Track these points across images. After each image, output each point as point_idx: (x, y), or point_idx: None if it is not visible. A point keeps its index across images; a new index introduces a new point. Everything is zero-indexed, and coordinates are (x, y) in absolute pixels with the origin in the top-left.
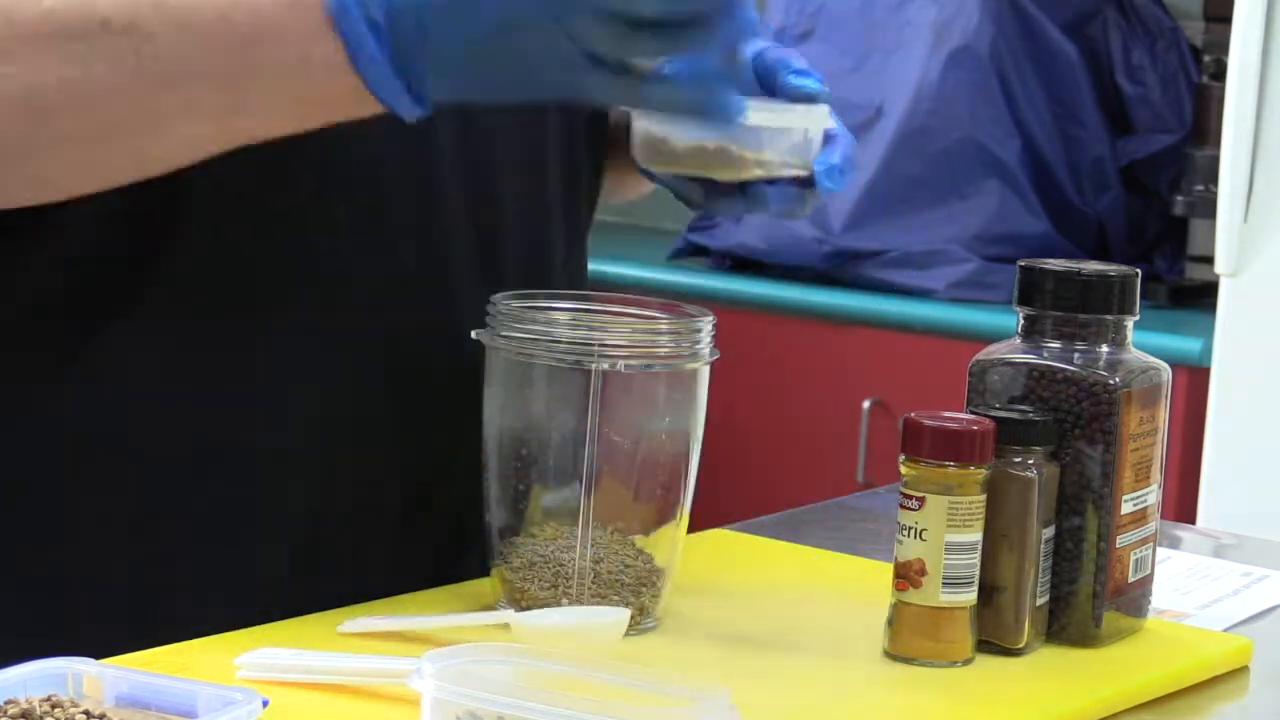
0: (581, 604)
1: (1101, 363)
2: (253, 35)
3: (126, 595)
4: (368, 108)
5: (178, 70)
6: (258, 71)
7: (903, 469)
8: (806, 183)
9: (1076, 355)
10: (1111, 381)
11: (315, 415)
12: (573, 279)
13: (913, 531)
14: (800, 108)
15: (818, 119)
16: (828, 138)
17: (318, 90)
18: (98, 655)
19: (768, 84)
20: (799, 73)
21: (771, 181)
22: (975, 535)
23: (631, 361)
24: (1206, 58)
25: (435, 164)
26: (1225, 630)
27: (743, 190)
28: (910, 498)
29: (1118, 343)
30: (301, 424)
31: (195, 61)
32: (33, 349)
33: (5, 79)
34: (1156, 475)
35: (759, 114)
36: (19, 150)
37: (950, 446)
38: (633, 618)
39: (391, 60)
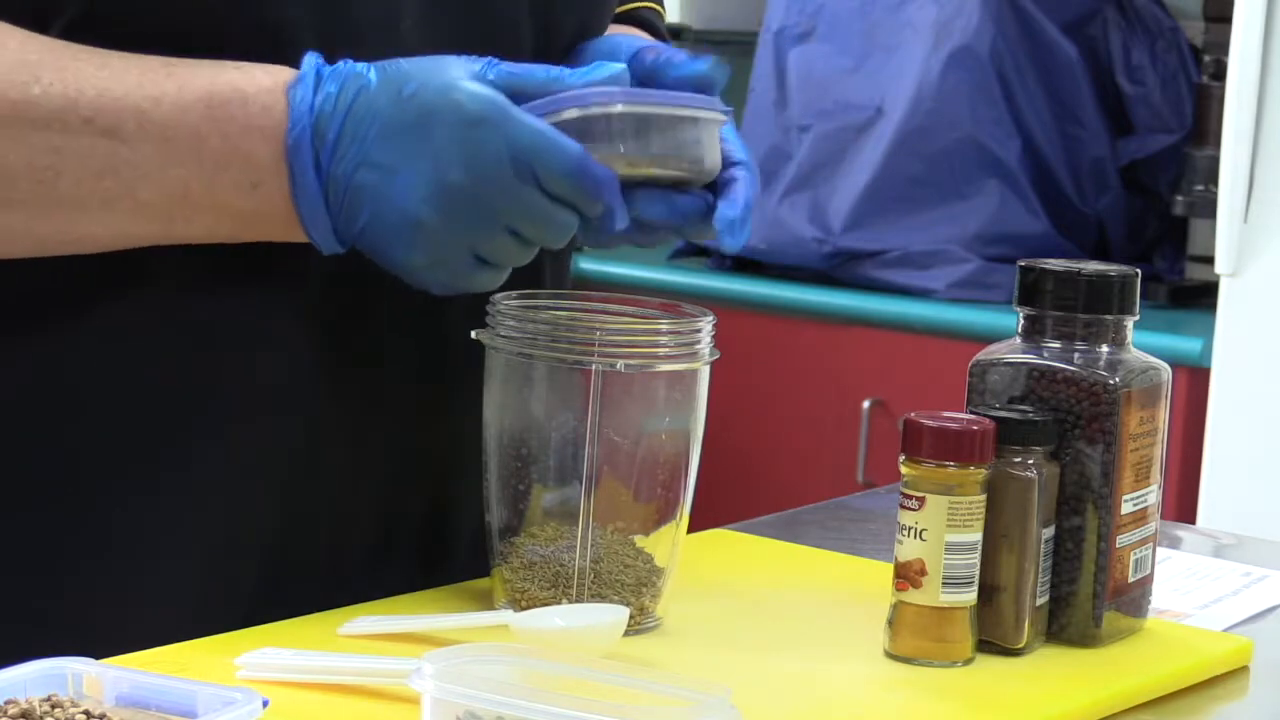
0: (582, 604)
1: (1102, 363)
2: (220, 161)
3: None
4: (299, 237)
5: (143, 179)
6: (215, 193)
7: (903, 469)
8: (708, 198)
9: (1076, 355)
10: (1111, 381)
11: (291, 416)
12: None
13: (913, 531)
14: (691, 102)
15: (710, 118)
16: (729, 165)
17: (259, 214)
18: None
19: (656, 83)
20: (688, 60)
21: (663, 189)
22: (975, 535)
23: (631, 361)
24: (1206, 58)
25: None
26: (1225, 630)
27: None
28: (910, 498)
29: (1118, 343)
30: (277, 426)
31: (162, 175)
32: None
33: None
34: (1156, 475)
35: (641, 104)
36: None
37: (950, 446)
38: (633, 618)
39: (326, 205)
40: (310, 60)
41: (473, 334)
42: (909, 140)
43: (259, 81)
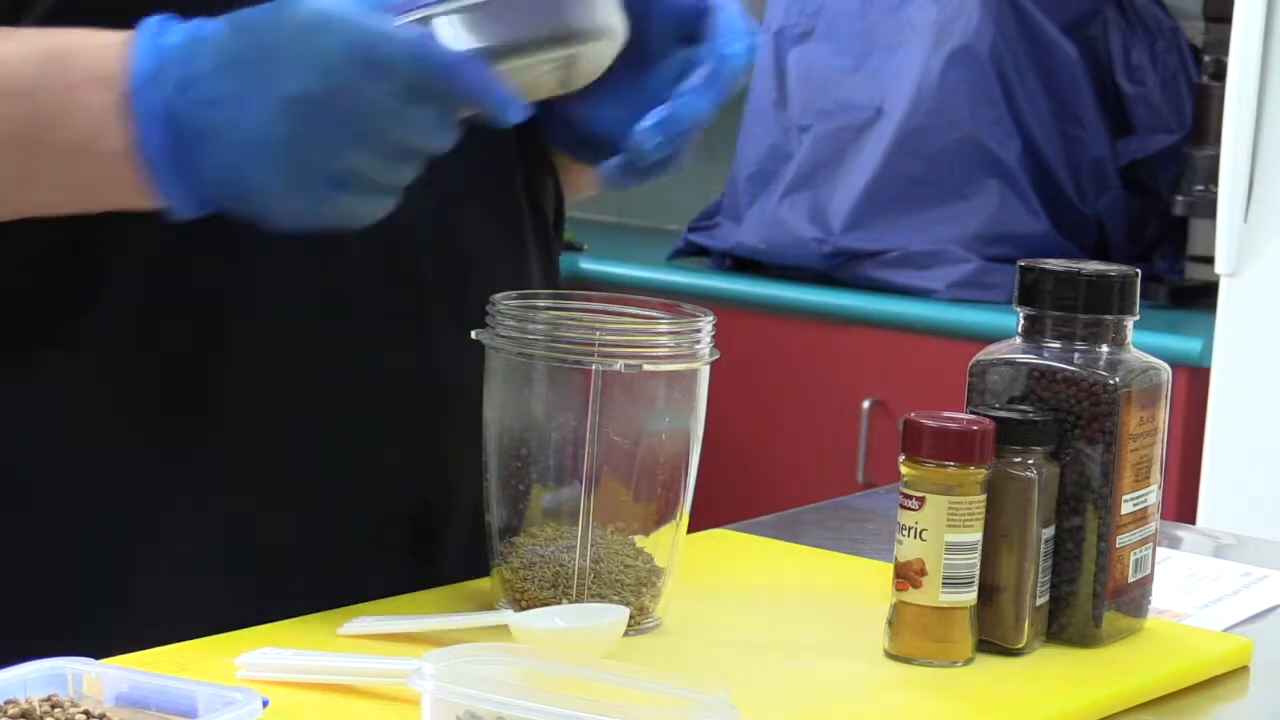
0: (582, 604)
1: (1101, 362)
2: (55, 114)
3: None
4: (146, 199)
5: None
6: (54, 149)
7: (903, 469)
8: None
9: (1076, 355)
10: (1111, 381)
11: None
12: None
13: (913, 531)
14: None
15: None
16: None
17: (101, 168)
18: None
19: None
20: None
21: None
22: (975, 535)
23: (631, 361)
24: (1206, 58)
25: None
26: (1225, 630)
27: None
28: (910, 498)
29: (1118, 343)
30: (273, 433)
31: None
32: None
33: None
34: (1156, 475)
35: None
36: None
37: (950, 446)
38: (633, 618)
39: (171, 158)
40: (154, 18)
41: (473, 334)
42: (909, 140)
43: (98, 36)
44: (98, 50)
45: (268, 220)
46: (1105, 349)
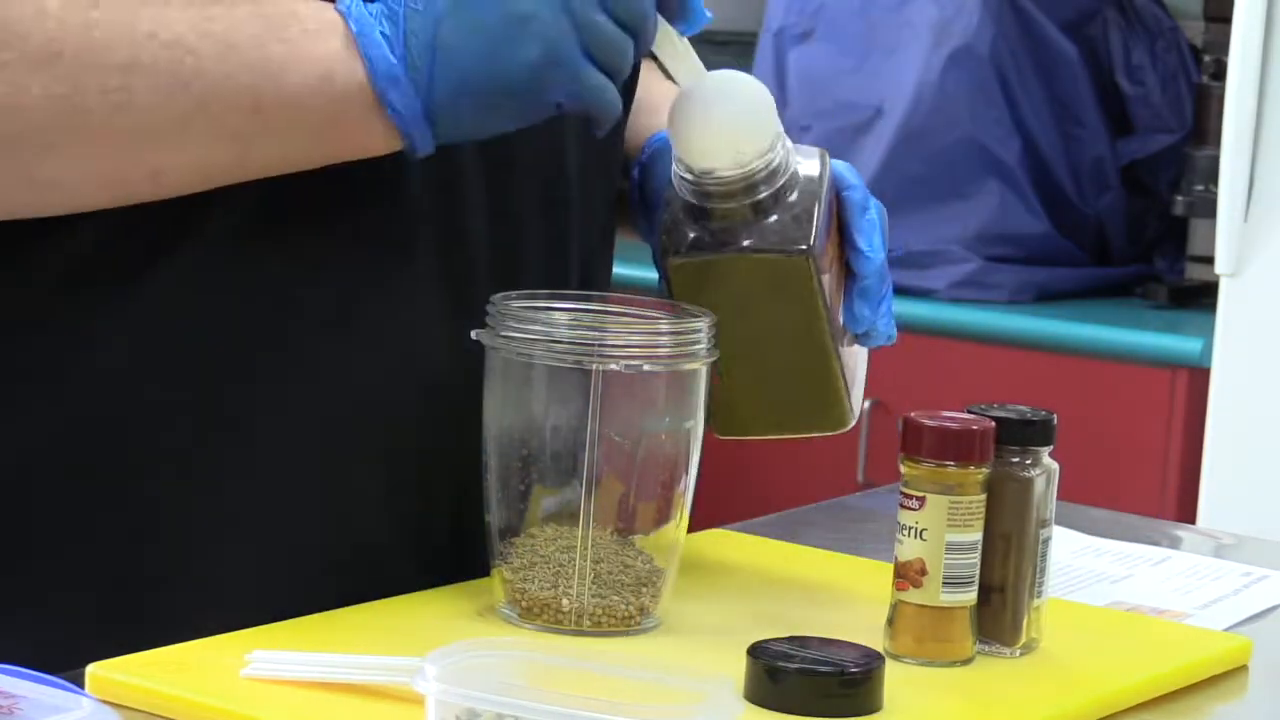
0: (582, 603)
1: None
2: (285, 63)
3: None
4: (383, 140)
5: (212, 89)
6: (285, 95)
7: (903, 469)
8: None
9: None
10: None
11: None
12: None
13: (913, 531)
14: None
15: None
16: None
17: (337, 115)
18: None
19: None
20: None
21: None
22: (975, 535)
23: (631, 361)
24: (1206, 58)
25: (459, 187)
26: (1225, 630)
27: None
28: (910, 498)
29: None
30: (298, 434)
31: (231, 82)
32: (27, 351)
33: (50, 81)
34: None
35: None
36: (44, 149)
37: (950, 446)
38: (633, 618)
39: (408, 74)
40: None
41: (473, 334)
42: (909, 140)
43: (308, 4)
44: (312, 14)
45: (508, 125)
46: None
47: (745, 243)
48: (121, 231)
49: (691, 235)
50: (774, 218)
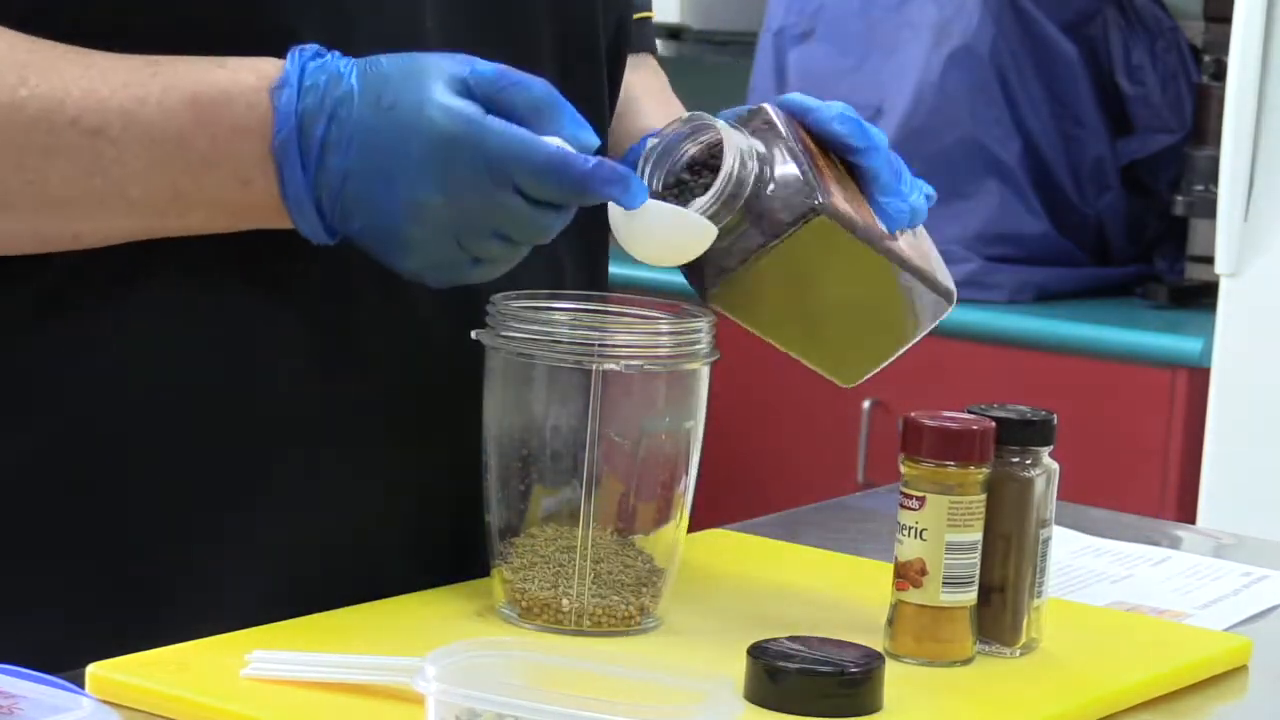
0: (582, 603)
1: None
2: (208, 160)
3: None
4: (289, 224)
5: (134, 181)
6: (205, 190)
7: (903, 469)
8: None
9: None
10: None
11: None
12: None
13: (913, 531)
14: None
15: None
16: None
17: (253, 213)
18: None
19: None
20: None
21: None
22: (975, 535)
23: (631, 361)
24: (1206, 58)
25: None
26: (1225, 630)
27: None
28: (910, 498)
29: None
30: (296, 427)
31: (153, 176)
32: (25, 356)
33: None
34: None
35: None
36: None
37: (950, 446)
38: (633, 618)
39: (317, 206)
40: (294, 59)
41: (473, 334)
42: (909, 140)
43: (243, 81)
44: (243, 97)
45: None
46: None
47: (758, 242)
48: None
49: (709, 266)
50: (768, 204)
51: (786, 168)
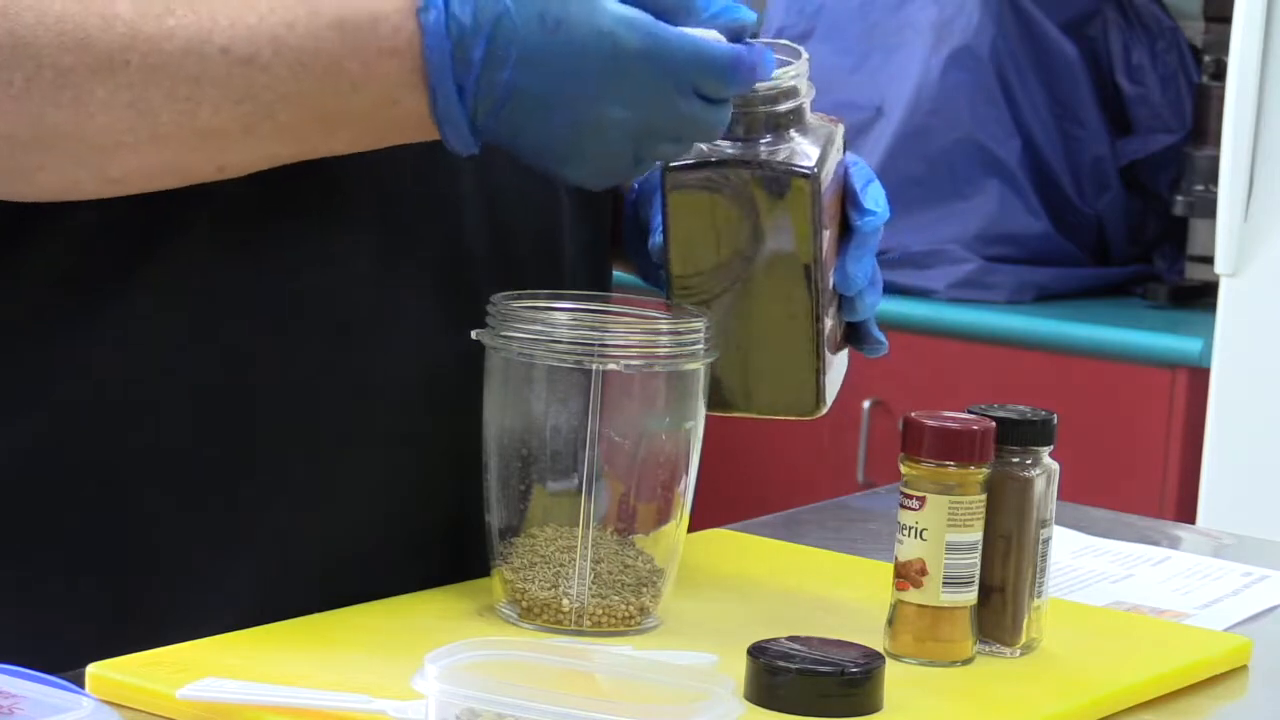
0: (582, 603)
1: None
2: (356, 83)
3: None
4: (429, 139)
5: (284, 104)
6: (354, 113)
7: (903, 469)
8: None
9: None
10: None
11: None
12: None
13: (913, 531)
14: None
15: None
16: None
17: (397, 129)
18: (81, 656)
19: None
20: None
21: None
22: (975, 535)
23: (631, 361)
24: (1206, 58)
25: (453, 183)
26: (1225, 630)
27: None
28: (910, 498)
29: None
30: (302, 432)
31: (303, 99)
32: (27, 347)
33: (119, 88)
34: None
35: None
36: (111, 149)
37: (950, 446)
38: (633, 618)
39: (469, 119)
40: None
41: (473, 334)
42: (909, 140)
43: (390, 2)
44: (390, 19)
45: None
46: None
47: (751, 157)
48: (112, 231)
49: (695, 149)
50: (786, 142)
51: (823, 146)
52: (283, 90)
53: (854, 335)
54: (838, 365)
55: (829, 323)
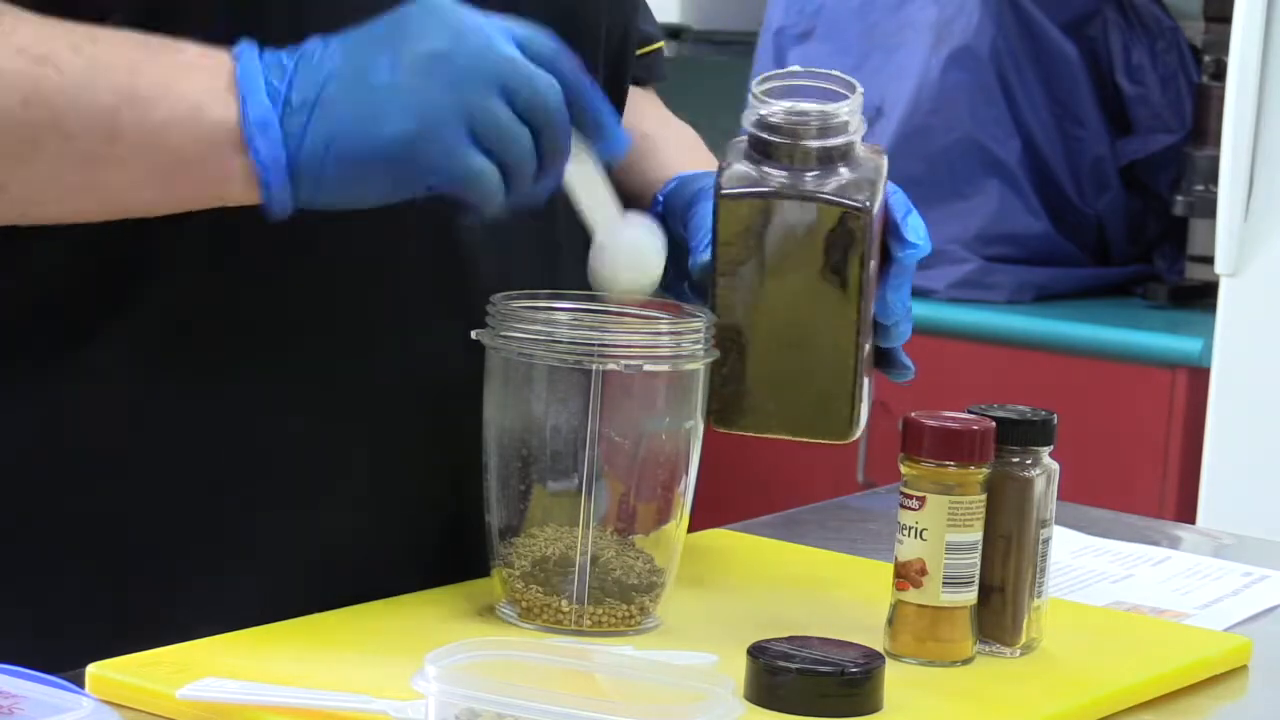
0: (582, 604)
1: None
2: (156, 90)
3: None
4: (241, 188)
5: (70, 106)
6: (148, 128)
7: (903, 469)
8: None
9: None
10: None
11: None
12: None
13: (913, 531)
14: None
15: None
16: None
17: (198, 152)
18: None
19: None
20: None
21: None
22: (975, 535)
23: (631, 361)
24: (1206, 58)
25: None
26: (1225, 630)
27: None
28: (910, 498)
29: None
30: (294, 441)
31: (92, 103)
32: (22, 357)
33: None
34: None
35: None
36: None
37: (950, 446)
38: (633, 617)
39: (281, 123)
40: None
41: (473, 334)
42: (909, 140)
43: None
44: (194, 46)
45: (373, 197)
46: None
47: (805, 189)
48: (114, 240)
49: (750, 174)
50: (836, 175)
51: (873, 178)
52: (71, 94)
53: (882, 360)
54: (867, 390)
55: (867, 348)
